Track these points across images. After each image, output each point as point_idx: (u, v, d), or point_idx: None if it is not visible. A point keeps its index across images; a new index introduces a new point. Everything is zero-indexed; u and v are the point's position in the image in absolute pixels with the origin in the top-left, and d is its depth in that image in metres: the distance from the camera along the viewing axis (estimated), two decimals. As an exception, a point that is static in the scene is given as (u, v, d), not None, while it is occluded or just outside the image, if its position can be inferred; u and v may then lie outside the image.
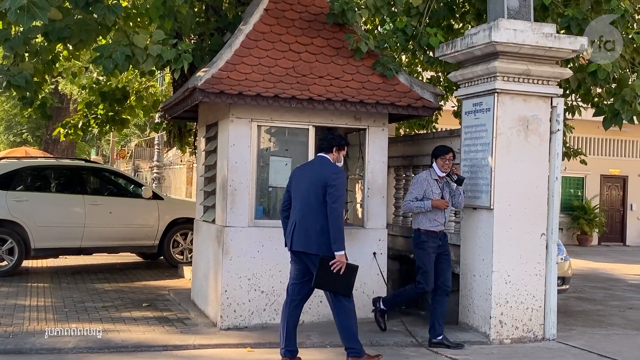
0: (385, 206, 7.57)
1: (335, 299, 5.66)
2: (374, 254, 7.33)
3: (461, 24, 8.90)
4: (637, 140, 23.07)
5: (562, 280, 8.37)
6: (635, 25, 8.27)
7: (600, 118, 7.84)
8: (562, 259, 8.20)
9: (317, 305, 7.11)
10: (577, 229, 22.38)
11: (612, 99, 7.64)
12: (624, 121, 7.42)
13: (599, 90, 8.11)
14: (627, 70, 7.63)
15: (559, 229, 23.74)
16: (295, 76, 7.14)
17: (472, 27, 7.74)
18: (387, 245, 7.63)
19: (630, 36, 7.44)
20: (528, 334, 6.70)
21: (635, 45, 7.45)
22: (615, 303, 9.95)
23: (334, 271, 5.50)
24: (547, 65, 6.70)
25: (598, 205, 22.69)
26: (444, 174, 6.66)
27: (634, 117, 7.51)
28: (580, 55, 7.54)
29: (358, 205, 7.91)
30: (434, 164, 6.70)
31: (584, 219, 22.16)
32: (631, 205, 23.34)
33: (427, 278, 6.52)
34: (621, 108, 7.22)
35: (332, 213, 5.50)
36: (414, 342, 6.50)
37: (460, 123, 7.43)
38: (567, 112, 9.24)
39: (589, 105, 8.64)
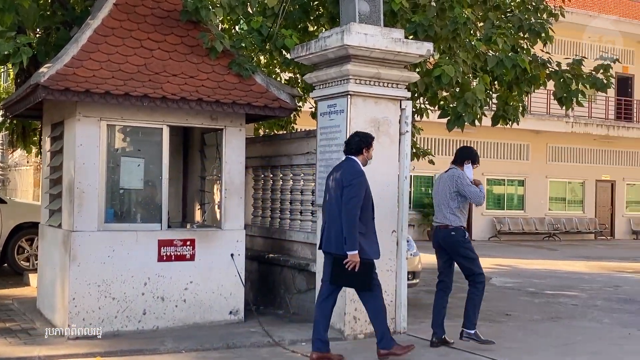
0: (244, 207, 7.53)
1: (359, 292, 6.01)
2: (232, 255, 7.27)
3: (316, 27, 9.03)
4: (481, 141, 24.56)
5: (413, 274, 8.70)
6: (478, 33, 8.80)
7: (445, 120, 8.24)
8: (411, 254, 8.51)
9: (173, 310, 6.96)
10: (427, 225, 23.47)
11: (456, 102, 8.06)
12: (466, 123, 7.84)
13: (444, 93, 8.52)
14: (469, 75, 8.08)
15: (411, 225, 24.89)
16: (148, 74, 6.93)
17: (326, 30, 7.88)
18: (246, 246, 7.60)
19: (472, 43, 7.88)
20: (381, 329, 6.91)
21: (476, 52, 7.90)
22: (462, 295, 10.45)
23: (349, 269, 5.70)
24: (396, 69, 6.95)
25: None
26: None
27: (475, 120, 7.96)
28: (427, 60, 7.90)
29: (216, 207, 7.82)
30: (469, 167, 6.58)
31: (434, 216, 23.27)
32: (475, 202, 24.79)
33: (479, 265, 6.58)
34: (463, 111, 7.63)
35: (346, 213, 5.67)
36: (270, 342, 6.51)
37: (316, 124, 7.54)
38: (416, 115, 9.66)
39: (436, 108, 9.06)
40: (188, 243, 7.08)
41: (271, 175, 8.64)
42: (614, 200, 27.89)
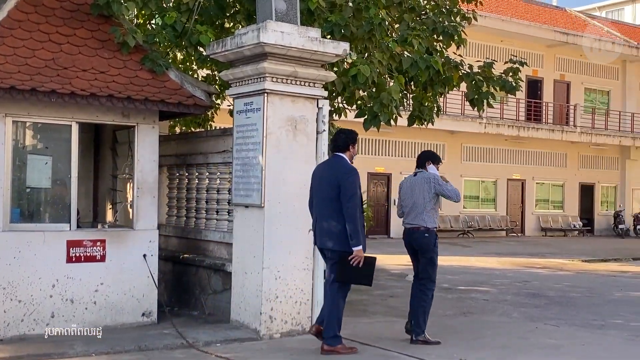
0: (157, 206, 7.37)
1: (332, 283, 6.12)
2: (144, 256, 7.10)
3: (232, 24, 8.94)
4: (398, 141, 25.02)
5: (330, 273, 8.74)
6: (394, 34, 8.92)
7: (362, 119, 8.32)
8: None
9: (83, 313, 6.76)
10: (347, 223, 23.67)
11: (372, 102, 8.14)
12: (382, 122, 7.94)
13: (362, 93, 8.60)
14: (386, 75, 8.19)
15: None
16: (56, 69, 6.69)
17: (242, 27, 7.81)
18: (160, 246, 7.44)
19: (387, 44, 7.98)
20: (297, 327, 6.91)
21: (391, 53, 8.01)
22: (379, 292, 10.66)
23: (354, 265, 5.88)
24: (313, 68, 6.96)
25: (366, 201, 24.22)
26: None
27: (391, 120, 8.07)
28: (345, 59, 7.96)
29: (128, 206, 7.62)
30: (432, 168, 6.93)
31: (354, 214, 23.51)
32: (394, 200, 25.25)
33: (436, 273, 6.85)
34: (379, 111, 7.72)
35: (347, 211, 5.89)
36: (184, 343, 6.40)
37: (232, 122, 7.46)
38: (334, 114, 9.71)
39: (354, 107, 9.14)
40: (98, 244, 6.88)
41: (187, 174, 8.50)
42: (524, 199, 28.96)
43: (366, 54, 8.15)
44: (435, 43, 9.09)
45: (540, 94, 29.48)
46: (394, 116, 8.03)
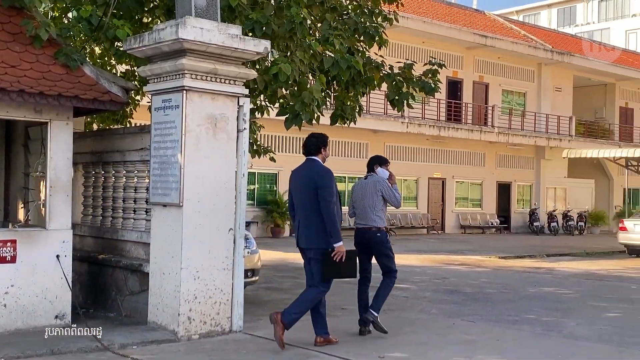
0: (71, 205, 7.13)
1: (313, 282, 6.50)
2: (58, 256, 6.86)
3: (151, 19, 8.75)
4: (323, 139, 25.11)
5: (252, 272, 8.71)
6: (316, 33, 8.93)
7: (284, 118, 8.30)
8: (250, 252, 8.50)
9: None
10: (271, 222, 23.68)
11: (293, 101, 8.13)
12: (304, 121, 7.94)
13: (283, 92, 8.58)
14: (307, 74, 8.19)
15: (254, 222, 24.88)
16: (-38, 61, 6.36)
17: (161, 22, 7.65)
18: (75, 247, 7.21)
19: (309, 43, 7.99)
20: (216, 328, 6.83)
21: (313, 52, 8.01)
22: (299, 291, 10.64)
23: (337, 261, 6.25)
24: (233, 65, 6.89)
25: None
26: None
27: (313, 119, 8.08)
28: (266, 57, 7.91)
29: (41, 205, 7.34)
30: (381, 170, 7.36)
31: (277, 213, 23.55)
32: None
33: (395, 263, 7.41)
34: (301, 109, 7.72)
35: (325, 211, 6.25)
36: (99, 346, 6.22)
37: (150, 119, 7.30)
38: (256, 112, 9.65)
39: (276, 106, 9.10)
40: (8, 244, 6.60)
41: (103, 172, 8.26)
42: (445, 197, 29.67)
43: (288, 53, 8.12)
44: (356, 43, 9.16)
45: (460, 94, 30.26)
46: (315, 115, 8.05)
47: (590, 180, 34.74)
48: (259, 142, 11.90)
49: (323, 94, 8.51)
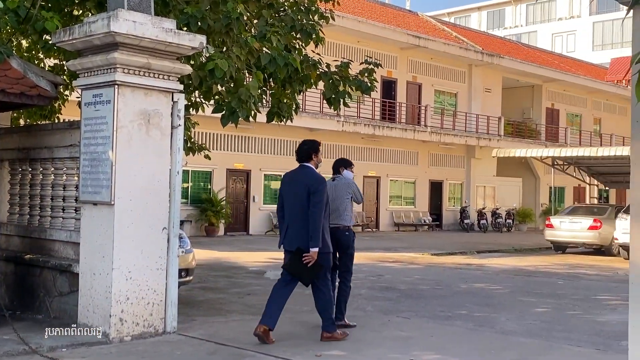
0: (-5, 203, 6.85)
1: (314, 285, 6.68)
2: (-19, 257, 6.57)
3: (82, 11, 8.48)
4: (258, 137, 25.03)
5: (186, 271, 8.55)
6: (253, 29, 8.84)
7: (220, 115, 8.18)
8: (184, 251, 8.34)
9: None
10: (205, 220, 23.39)
11: (230, 98, 8.02)
12: (241, 119, 7.85)
13: (219, 88, 8.46)
14: (244, 71, 8.10)
15: (188, 221, 24.50)
16: None
17: (93, 15, 7.42)
18: (0, 246, 6.92)
19: (245, 39, 7.90)
20: (149, 329, 6.68)
21: (250, 48, 7.92)
22: (236, 290, 10.58)
23: (304, 263, 6.41)
24: (168, 60, 6.75)
25: (224, 198, 24.03)
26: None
27: (250, 116, 8.00)
28: (202, 53, 7.78)
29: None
30: (346, 172, 7.80)
31: (212, 211, 23.28)
32: (254, 197, 25.25)
33: (353, 264, 7.70)
34: (238, 106, 7.62)
35: (312, 215, 6.45)
36: (27, 349, 5.98)
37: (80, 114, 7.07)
38: (191, 109, 9.50)
39: (211, 103, 8.98)
40: None
41: (30, 169, 7.96)
42: (379, 195, 29.98)
43: (224, 49, 8.01)
44: (293, 41, 9.12)
45: (395, 94, 30.63)
46: (252, 112, 7.97)
47: (518, 178, 35.77)
48: (193, 140, 11.73)
49: (260, 91, 8.43)
